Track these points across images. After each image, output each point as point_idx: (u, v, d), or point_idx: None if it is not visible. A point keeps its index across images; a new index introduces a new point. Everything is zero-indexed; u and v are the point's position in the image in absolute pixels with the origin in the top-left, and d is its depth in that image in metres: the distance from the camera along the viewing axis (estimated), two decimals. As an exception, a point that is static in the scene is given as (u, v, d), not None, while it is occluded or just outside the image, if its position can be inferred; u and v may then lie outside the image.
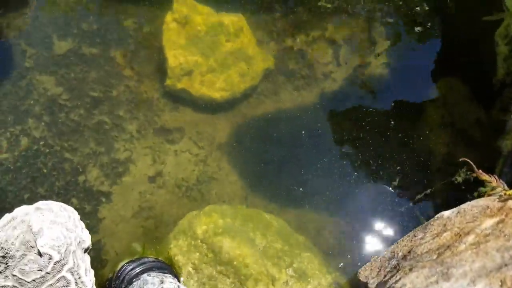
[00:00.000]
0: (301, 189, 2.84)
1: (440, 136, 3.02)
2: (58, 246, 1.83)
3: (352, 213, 2.79)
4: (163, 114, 3.05)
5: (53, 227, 1.85)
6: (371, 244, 2.70)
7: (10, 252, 1.78)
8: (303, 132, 3.01)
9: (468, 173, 2.72)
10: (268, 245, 2.53)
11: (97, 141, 2.89)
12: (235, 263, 2.39)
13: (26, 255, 1.77)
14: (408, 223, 2.75)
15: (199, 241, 2.47)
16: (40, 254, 1.77)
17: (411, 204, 2.81)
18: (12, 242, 1.79)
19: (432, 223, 2.21)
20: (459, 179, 2.77)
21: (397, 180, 2.88)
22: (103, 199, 2.75)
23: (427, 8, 3.44)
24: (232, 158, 2.97)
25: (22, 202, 2.61)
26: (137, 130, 2.98)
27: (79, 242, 1.94)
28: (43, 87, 2.98)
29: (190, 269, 2.41)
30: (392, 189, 2.86)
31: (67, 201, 2.68)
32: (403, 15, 3.44)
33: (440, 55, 3.33)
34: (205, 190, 2.85)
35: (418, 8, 3.44)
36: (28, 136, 2.83)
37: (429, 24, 3.40)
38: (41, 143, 2.83)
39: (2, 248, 1.79)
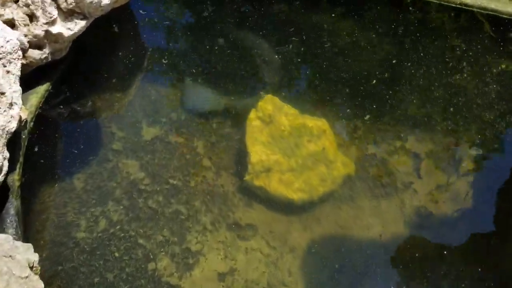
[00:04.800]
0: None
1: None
2: None
3: None
4: (237, 210, 3.02)
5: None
6: None
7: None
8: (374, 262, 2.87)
9: None
10: None
11: (171, 230, 2.88)
12: None
13: None
14: None
15: None
16: None
17: None
18: None
19: None
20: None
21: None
22: (170, 293, 2.68)
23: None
24: (304, 264, 2.86)
25: (92, 286, 2.58)
26: (211, 223, 2.95)
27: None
28: (127, 171, 3.05)
29: None
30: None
31: (135, 291, 2.63)
32: (491, 138, 3.35)
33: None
34: (274, 296, 2.73)
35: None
36: (106, 219, 2.86)
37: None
38: (117, 227, 2.84)
39: None
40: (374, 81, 3.49)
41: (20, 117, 2.25)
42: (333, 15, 3.73)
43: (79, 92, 3.14)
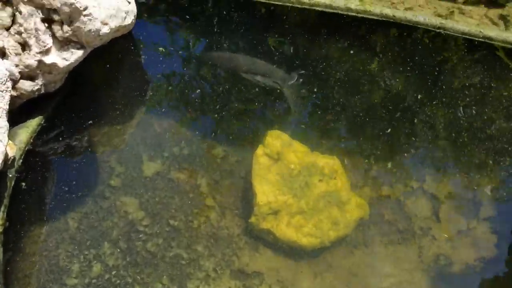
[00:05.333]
0: None
1: None
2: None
3: None
4: (243, 254, 2.81)
5: None
6: None
7: None
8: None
9: None
10: None
11: (170, 277, 2.66)
12: None
13: None
14: None
15: None
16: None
17: None
18: None
19: None
20: None
21: None
22: None
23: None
24: (315, 317, 2.63)
25: None
26: (214, 269, 2.74)
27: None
28: (125, 210, 2.85)
29: None
30: None
31: None
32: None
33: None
34: None
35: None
36: (101, 263, 2.64)
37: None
38: (113, 272, 2.63)
39: None
40: (389, 117, 3.30)
41: (6, 155, 2.05)
42: (344, 48, 3.57)
43: (75, 126, 2.96)
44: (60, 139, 2.86)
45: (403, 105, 3.37)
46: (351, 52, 3.55)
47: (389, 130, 3.26)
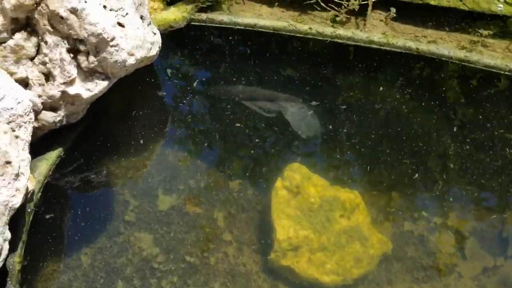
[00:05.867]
0: None
1: None
2: None
3: None
4: (262, 293, 2.69)
5: None
6: None
7: None
8: None
9: None
10: None
11: (187, 318, 2.54)
12: None
13: None
14: None
15: None
16: None
17: None
18: None
19: None
20: None
21: None
22: None
23: None
24: None
25: None
26: (232, 309, 2.61)
27: None
28: (139, 246, 2.76)
29: None
30: None
31: None
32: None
33: None
34: None
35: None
36: (134, 303, 2.53)
37: None
38: (127, 312, 2.50)
39: None
40: (410, 149, 3.24)
41: (27, 189, 1.97)
42: (365, 79, 3.55)
43: (93, 158, 2.90)
44: (78, 171, 2.79)
45: (426, 140, 3.31)
46: (372, 84, 3.53)
47: (410, 164, 3.19)
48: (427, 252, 2.92)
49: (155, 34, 2.70)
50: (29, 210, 2.23)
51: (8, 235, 1.88)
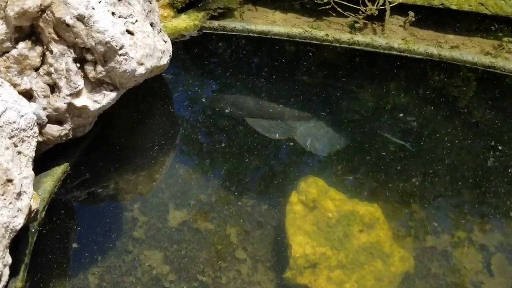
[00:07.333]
0: None
1: None
2: None
3: None
4: (277, 313, 2.56)
5: None
6: None
7: None
8: None
9: None
10: None
11: None
12: None
13: None
14: None
15: None
16: None
17: None
18: None
19: None
20: None
21: None
22: None
23: None
24: None
25: None
26: (247, 332, 2.48)
27: None
28: (149, 264, 2.64)
29: None
30: None
31: None
32: None
33: None
34: None
35: None
36: (124, 325, 2.40)
37: None
38: (137, 335, 2.38)
39: None
40: (430, 163, 3.11)
41: (30, 208, 1.85)
42: (381, 91, 3.44)
43: (100, 173, 2.79)
44: (85, 187, 2.68)
45: (447, 151, 3.17)
46: (389, 95, 3.41)
47: (431, 176, 3.06)
48: (452, 268, 2.77)
49: (165, 42, 2.59)
50: (32, 230, 2.11)
51: (8, 259, 1.76)
